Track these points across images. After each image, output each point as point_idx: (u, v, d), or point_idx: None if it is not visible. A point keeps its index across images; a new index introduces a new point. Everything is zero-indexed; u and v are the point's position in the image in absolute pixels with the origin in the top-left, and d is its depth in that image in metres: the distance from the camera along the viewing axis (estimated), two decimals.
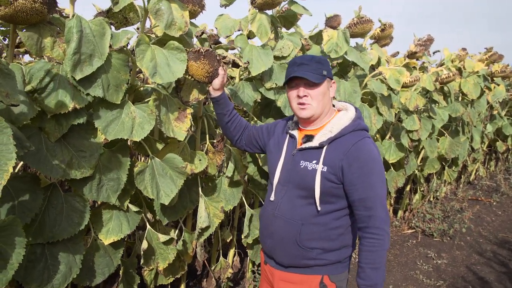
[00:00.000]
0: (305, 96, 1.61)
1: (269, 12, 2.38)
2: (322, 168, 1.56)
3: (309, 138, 1.65)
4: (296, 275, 1.64)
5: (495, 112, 6.05)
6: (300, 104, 1.64)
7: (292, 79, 1.63)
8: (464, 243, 4.35)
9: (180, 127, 1.80)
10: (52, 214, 1.57)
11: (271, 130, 1.90)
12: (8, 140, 1.17)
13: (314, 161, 1.59)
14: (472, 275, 3.62)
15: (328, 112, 1.69)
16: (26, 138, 1.39)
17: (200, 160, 2.08)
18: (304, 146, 1.65)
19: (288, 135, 1.76)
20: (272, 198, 1.72)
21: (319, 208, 1.58)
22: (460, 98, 4.60)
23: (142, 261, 1.95)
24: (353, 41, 2.94)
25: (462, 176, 6.50)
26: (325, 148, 1.59)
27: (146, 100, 1.87)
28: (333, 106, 1.75)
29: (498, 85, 5.66)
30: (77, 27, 1.41)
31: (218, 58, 1.84)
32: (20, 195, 1.50)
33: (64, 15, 1.74)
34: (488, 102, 5.48)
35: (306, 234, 1.60)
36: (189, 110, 1.85)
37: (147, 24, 1.95)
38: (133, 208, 1.84)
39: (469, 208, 5.33)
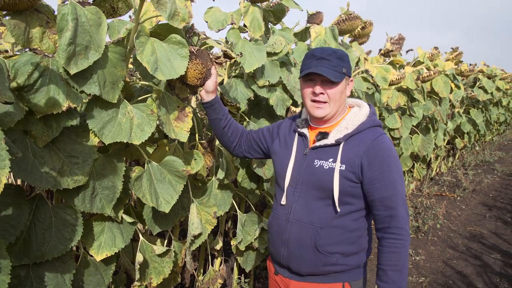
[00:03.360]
0: (321, 93, 1.50)
1: (260, 5, 2.26)
2: (340, 166, 1.46)
3: (323, 135, 1.55)
4: (316, 284, 1.53)
5: (456, 110, 6.29)
6: (315, 101, 1.52)
7: (309, 73, 1.50)
8: (437, 238, 4.45)
9: (181, 127, 1.65)
10: (39, 230, 1.37)
11: (274, 132, 1.77)
12: (0, 145, 0.98)
13: (331, 160, 1.49)
14: (450, 269, 3.69)
15: (342, 110, 1.60)
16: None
17: (195, 159, 1.92)
18: (318, 144, 1.54)
19: (297, 134, 1.64)
20: (283, 202, 1.59)
21: (338, 209, 1.48)
22: (425, 96, 4.71)
23: (137, 276, 1.76)
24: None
25: (426, 172, 6.70)
26: (341, 145, 1.49)
27: (139, 98, 1.69)
28: None
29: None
30: (72, 15, 1.22)
31: (210, 57, 1.70)
32: (2, 210, 1.28)
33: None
34: (450, 101, 5.68)
35: (325, 238, 1.50)
36: (189, 109, 1.70)
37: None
38: (128, 218, 1.65)
39: (437, 203, 5.48)
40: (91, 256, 1.61)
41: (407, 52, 4.10)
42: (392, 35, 4.15)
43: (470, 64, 6.30)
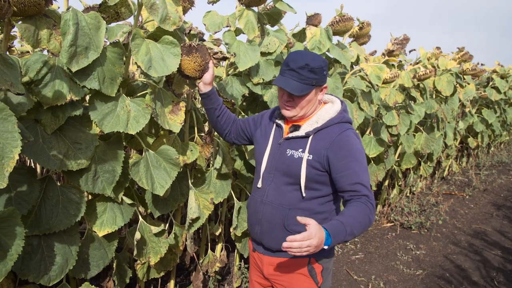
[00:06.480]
0: (289, 101, 1.67)
1: (255, 9, 2.44)
2: (308, 156, 1.64)
3: (295, 127, 1.72)
4: (285, 259, 1.72)
5: (466, 110, 6.30)
6: (284, 104, 1.70)
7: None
8: (440, 234, 4.52)
9: (174, 120, 1.84)
10: (48, 206, 1.58)
11: (258, 121, 1.96)
12: (13, 128, 1.19)
13: (300, 150, 1.67)
14: (449, 263, 3.78)
15: (313, 110, 1.74)
16: None
17: (191, 150, 2.11)
18: (290, 135, 1.71)
19: (274, 125, 1.82)
20: (259, 185, 1.78)
21: (304, 194, 1.65)
22: (434, 96, 4.78)
23: (135, 252, 1.97)
24: (334, 39, 3.04)
25: (437, 172, 6.73)
26: (311, 137, 1.67)
27: (138, 94, 1.90)
28: None
29: (469, 83, 5.91)
30: (73, 20, 1.43)
31: (209, 52, 1.88)
32: (17, 186, 1.50)
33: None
34: (459, 100, 5.71)
35: (293, 219, 1.66)
36: (183, 103, 1.89)
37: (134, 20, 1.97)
38: (127, 200, 1.86)
39: (444, 201, 5.53)
40: (95, 232, 1.82)
41: (410, 52, 4.20)
42: (398, 35, 4.28)
43: (482, 64, 6.30)
